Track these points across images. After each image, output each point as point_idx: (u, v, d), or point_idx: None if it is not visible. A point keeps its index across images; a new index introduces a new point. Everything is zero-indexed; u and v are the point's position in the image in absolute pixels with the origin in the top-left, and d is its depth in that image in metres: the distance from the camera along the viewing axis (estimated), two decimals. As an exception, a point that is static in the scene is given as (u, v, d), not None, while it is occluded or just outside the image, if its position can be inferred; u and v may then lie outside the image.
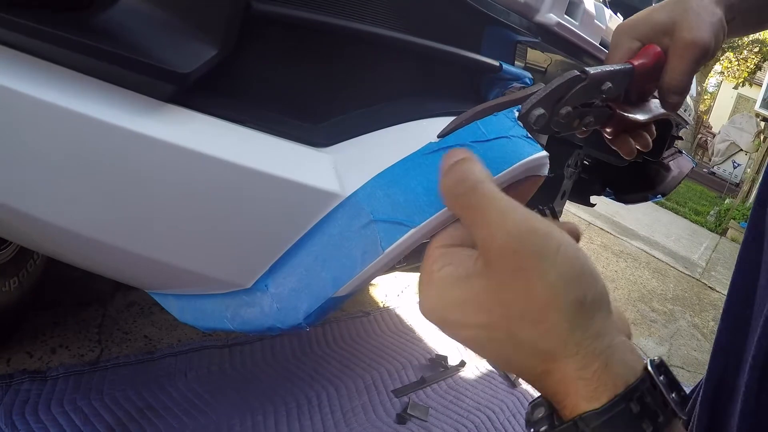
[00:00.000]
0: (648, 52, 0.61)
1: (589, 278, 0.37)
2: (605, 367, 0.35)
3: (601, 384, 0.35)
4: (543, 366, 0.37)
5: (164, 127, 0.48)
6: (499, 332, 0.37)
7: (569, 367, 0.36)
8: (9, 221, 0.59)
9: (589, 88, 0.52)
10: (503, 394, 2.14)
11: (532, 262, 0.36)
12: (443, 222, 0.46)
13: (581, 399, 0.35)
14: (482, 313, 0.37)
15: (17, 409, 1.41)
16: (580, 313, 0.36)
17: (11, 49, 0.47)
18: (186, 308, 0.61)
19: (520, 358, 0.37)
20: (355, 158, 0.53)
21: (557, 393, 0.37)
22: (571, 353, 0.36)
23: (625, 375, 0.36)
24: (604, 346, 0.36)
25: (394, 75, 0.59)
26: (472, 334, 0.38)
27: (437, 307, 0.40)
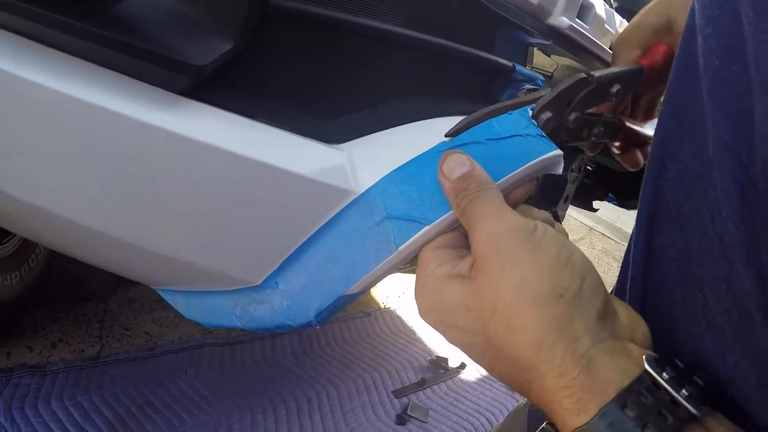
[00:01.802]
0: (657, 50, 0.60)
1: (573, 272, 0.34)
2: (588, 372, 0.31)
3: (585, 392, 0.31)
4: (522, 375, 0.34)
5: (178, 120, 0.48)
6: (478, 336, 0.36)
7: (547, 375, 0.32)
8: (23, 214, 0.58)
9: (597, 91, 0.52)
10: (503, 397, 2.13)
11: (511, 257, 0.35)
12: (456, 220, 0.46)
13: (567, 413, 0.31)
14: (462, 314, 0.37)
15: (17, 403, 1.41)
16: (556, 309, 0.33)
17: (28, 40, 0.47)
18: (193, 305, 0.61)
19: (500, 365, 0.36)
20: (369, 155, 0.52)
21: (545, 407, 0.33)
22: (546, 358, 0.32)
23: (616, 378, 0.31)
24: (584, 349, 0.32)
25: (409, 73, 0.58)
26: (459, 338, 0.38)
27: (431, 309, 0.40)
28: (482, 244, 0.37)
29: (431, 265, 0.41)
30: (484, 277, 0.36)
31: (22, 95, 0.47)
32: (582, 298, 0.34)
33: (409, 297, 2.71)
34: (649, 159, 0.44)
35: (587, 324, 0.33)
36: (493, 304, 0.35)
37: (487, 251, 0.36)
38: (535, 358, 0.33)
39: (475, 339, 0.36)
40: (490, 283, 0.35)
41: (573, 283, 0.34)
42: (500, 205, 0.39)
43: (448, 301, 0.38)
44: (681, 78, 0.41)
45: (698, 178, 0.37)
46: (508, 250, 0.35)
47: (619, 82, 0.55)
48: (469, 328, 0.36)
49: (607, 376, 0.31)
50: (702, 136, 0.37)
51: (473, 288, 0.36)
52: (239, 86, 0.52)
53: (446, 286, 0.38)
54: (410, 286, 2.80)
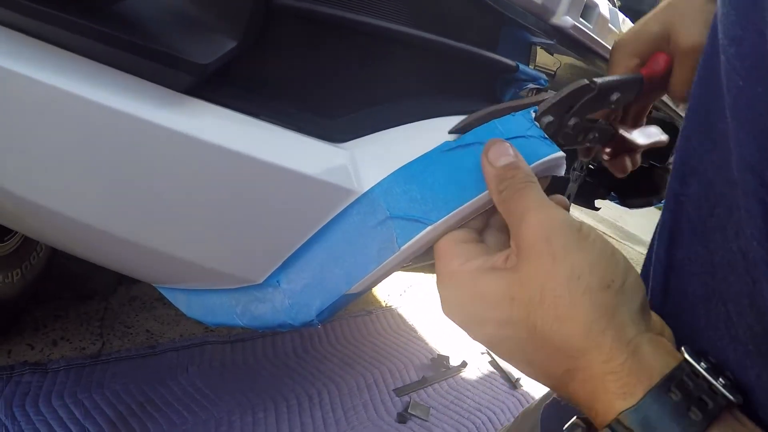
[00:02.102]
0: (657, 60, 0.60)
1: (618, 267, 0.36)
2: (634, 357, 0.33)
3: (632, 377, 0.32)
4: (566, 363, 0.35)
5: (180, 118, 0.48)
6: (518, 328, 0.36)
7: (594, 361, 0.33)
8: (24, 212, 0.58)
9: (598, 98, 0.52)
10: (504, 396, 2.13)
11: (562, 249, 0.35)
12: (460, 220, 0.46)
13: (613, 397, 0.32)
14: (504, 306, 0.36)
15: (18, 401, 1.41)
16: (605, 298, 0.34)
17: (30, 37, 0.47)
18: (194, 303, 0.61)
19: (541, 357, 0.36)
20: (371, 154, 0.52)
21: (586, 397, 0.34)
22: (596, 344, 0.33)
23: (659, 365, 0.33)
24: (630, 337, 0.34)
25: (412, 72, 0.58)
26: (494, 332, 0.38)
27: (462, 304, 0.39)
28: (532, 234, 0.37)
29: (457, 260, 0.41)
30: (532, 267, 0.36)
31: (24, 93, 0.47)
32: (626, 290, 0.35)
33: (411, 295, 2.71)
34: (672, 174, 0.45)
35: (631, 314, 0.35)
36: (542, 293, 0.35)
37: (536, 241, 0.36)
38: (585, 345, 0.34)
39: (515, 331, 0.36)
40: (538, 272, 0.36)
41: (619, 276, 0.35)
42: (546, 200, 0.40)
43: (485, 294, 0.38)
44: (703, 95, 0.41)
45: (722, 196, 0.38)
46: (559, 242, 0.36)
47: (619, 90, 0.55)
48: (509, 320, 0.36)
49: (652, 362, 0.33)
50: (725, 154, 0.37)
51: (517, 278, 0.37)
52: (242, 85, 0.52)
53: (481, 279, 0.38)
54: (412, 285, 2.80)
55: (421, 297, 2.72)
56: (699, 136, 0.41)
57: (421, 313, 2.55)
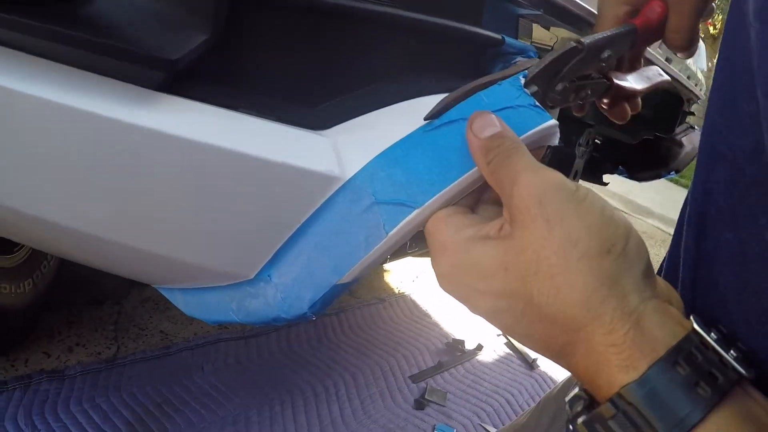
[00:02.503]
0: (652, 7, 0.57)
1: (618, 230, 0.34)
2: (638, 328, 0.31)
3: (636, 349, 0.30)
4: (566, 336, 0.33)
5: (155, 116, 0.47)
6: (515, 299, 0.34)
7: (596, 333, 0.31)
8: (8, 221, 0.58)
9: (587, 59, 0.50)
10: (522, 377, 2.13)
11: (556, 213, 0.33)
12: (447, 201, 0.44)
13: (616, 370, 0.30)
14: (499, 276, 0.35)
15: (36, 408, 1.42)
16: (604, 265, 0.32)
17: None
18: (191, 302, 0.60)
19: (540, 328, 0.34)
20: (354, 140, 0.51)
21: (588, 371, 0.32)
22: (596, 314, 0.31)
23: (665, 337, 0.31)
24: (633, 306, 0.31)
25: (392, 52, 0.57)
26: (490, 304, 0.36)
27: (456, 275, 0.37)
28: (524, 197, 0.35)
29: (447, 231, 0.39)
30: (525, 233, 0.34)
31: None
32: (628, 255, 0.33)
33: (423, 281, 2.70)
34: (697, 160, 0.43)
35: (634, 281, 0.32)
36: (537, 261, 0.33)
37: (529, 205, 0.34)
38: (584, 316, 0.32)
39: (511, 302, 0.34)
40: (532, 239, 0.34)
41: (619, 240, 0.33)
42: (537, 162, 0.37)
43: (478, 264, 0.36)
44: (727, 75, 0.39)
45: (753, 182, 0.36)
46: (553, 206, 0.34)
47: (610, 47, 0.53)
48: (504, 291, 0.34)
49: (657, 333, 0.31)
50: (756, 137, 0.35)
51: (510, 246, 0.35)
52: (218, 78, 0.51)
53: (474, 248, 0.36)
54: (423, 270, 2.79)
55: (433, 282, 2.71)
56: (725, 119, 0.39)
57: (434, 298, 2.54)
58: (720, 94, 0.40)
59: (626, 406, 0.30)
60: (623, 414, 0.30)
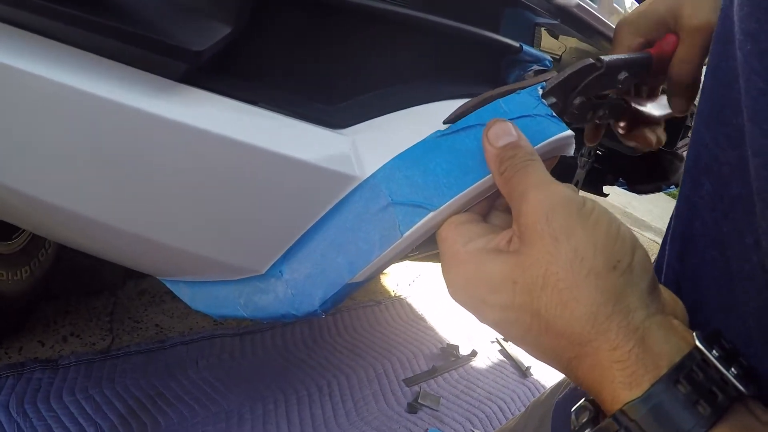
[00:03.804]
0: (667, 41, 0.59)
1: (624, 245, 0.34)
2: (642, 345, 0.31)
3: (640, 366, 0.31)
4: (572, 350, 0.33)
5: (176, 107, 0.47)
6: (522, 312, 0.35)
7: (601, 348, 0.32)
8: (20, 206, 0.58)
9: (605, 77, 0.51)
10: (515, 384, 2.13)
11: (563, 230, 0.34)
12: (463, 205, 0.45)
13: (619, 386, 0.31)
14: (507, 290, 0.35)
15: (29, 397, 1.42)
16: (610, 281, 0.32)
17: (20, 29, 0.46)
18: (198, 295, 0.60)
19: (547, 341, 0.34)
20: (372, 140, 0.51)
21: (593, 384, 0.33)
22: (601, 330, 0.32)
23: (669, 353, 0.31)
24: (638, 322, 0.32)
25: (413, 55, 0.57)
26: (499, 316, 0.36)
27: (466, 286, 0.38)
28: (532, 214, 0.35)
29: (459, 241, 0.39)
30: (533, 249, 0.34)
31: (14, 86, 0.46)
32: (634, 270, 0.33)
33: (420, 285, 2.70)
34: (683, 175, 0.43)
35: (640, 296, 0.33)
36: (544, 277, 0.34)
37: (537, 222, 0.35)
38: (590, 331, 0.32)
39: (519, 315, 0.35)
40: (540, 255, 0.34)
41: (625, 256, 0.33)
42: (548, 177, 0.38)
43: (488, 276, 0.36)
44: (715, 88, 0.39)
45: (739, 198, 0.36)
46: (561, 223, 0.34)
47: (627, 70, 0.54)
48: (512, 305, 0.35)
49: (661, 350, 0.31)
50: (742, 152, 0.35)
51: (519, 261, 0.35)
52: (240, 72, 0.51)
53: (484, 261, 0.37)
54: (420, 274, 2.79)
55: (430, 287, 2.71)
56: (712, 132, 0.39)
57: (431, 302, 2.54)
58: (707, 107, 0.40)
59: (629, 422, 0.30)
60: (626, 430, 0.31)
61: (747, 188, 0.35)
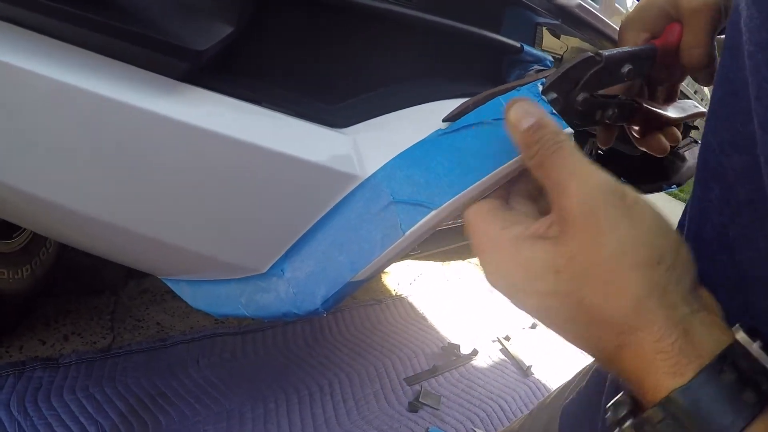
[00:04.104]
0: (671, 30, 0.58)
1: (669, 242, 0.34)
2: (686, 337, 0.31)
3: (683, 356, 0.31)
4: (616, 340, 0.33)
5: (178, 107, 0.47)
6: (565, 300, 0.34)
7: (645, 340, 0.32)
8: (21, 205, 0.58)
9: (607, 71, 0.50)
10: (516, 384, 2.13)
11: (607, 220, 0.34)
12: (465, 204, 0.45)
13: (663, 375, 0.31)
14: (549, 278, 0.35)
15: (30, 396, 1.42)
16: (654, 275, 0.32)
17: (22, 28, 0.46)
18: (199, 294, 0.60)
19: (591, 331, 0.34)
20: (374, 139, 0.51)
21: (635, 373, 0.33)
22: (646, 322, 0.32)
23: (711, 345, 0.31)
24: (681, 316, 0.32)
25: (414, 55, 0.57)
26: (540, 303, 0.36)
27: (504, 272, 0.37)
28: (575, 206, 0.35)
29: (495, 226, 0.38)
30: (577, 239, 0.34)
31: (17, 85, 0.46)
32: (677, 267, 0.33)
33: (421, 284, 2.70)
34: (695, 178, 0.43)
35: (683, 293, 0.33)
36: (589, 267, 0.33)
37: (579, 213, 0.34)
38: (634, 323, 0.32)
39: (561, 304, 0.35)
40: (584, 245, 0.34)
41: (670, 252, 0.34)
42: (584, 161, 0.37)
43: (528, 263, 0.36)
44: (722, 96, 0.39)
45: (750, 203, 0.36)
46: (604, 215, 0.34)
47: (630, 63, 0.53)
48: (555, 292, 0.35)
49: (703, 342, 0.31)
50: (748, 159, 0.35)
51: (562, 251, 0.35)
52: (242, 71, 0.51)
53: (524, 248, 0.36)
54: (422, 273, 2.79)
55: (431, 286, 2.71)
56: (719, 138, 0.39)
57: (432, 301, 2.54)
58: (715, 113, 0.40)
59: (675, 409, 0.30)
60: (672, 418, 0.31)
61: (759, 195, 0.35)
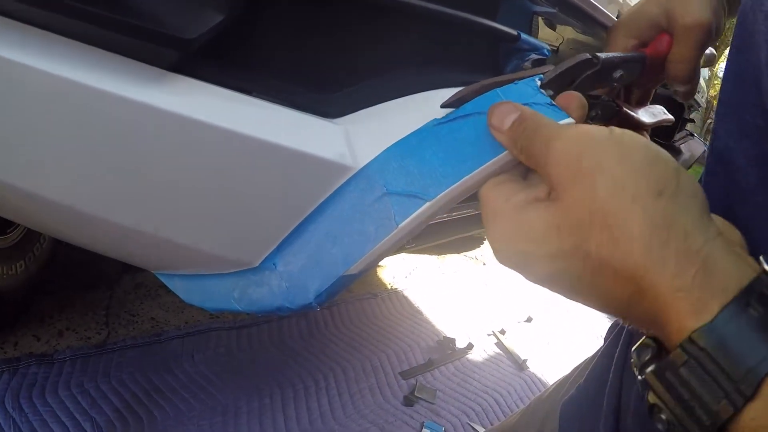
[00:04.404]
0: (661, 41, 0.60)
1: (667, 169, 0.32)
2: (705, 270, 0.29)
3: (705, 291, 0.29)
4: (629, 287, 0.31)
5: (167, 97, 0.46)
6: (572, 258, 0.33)
7: (662, 279, 0.30)
8: (12, 200, 0.57)
9: (601, 73, 0.50)
10: (511, 378, 2.13)
11: (596, 161, 0.32)
12: (460, 194, 0.44)
13: (685, 316, 0.29)
14: (552, 237, 0.34)
15: (24, 392, 1.41)
16: (658, 207, 0.30)
17: (8, 19, 0.45)
18: (192, 289, 0.59)
19: (603, 284, 0.32)
20: (368, 129, 0.50)
21: (656, 318, 0.31)
22: (659, 259, 0.30)
23: (736, 276, 0.29)
24: (699, 245, 0.30)
25: (408, 43, 0.56)
26: (548, 267, 0.34)
27: (510, 241, 0.36)
28: (561, 159, 0.34)
29: (499, 199, 0.38)
30: (571, 191, 0.33)
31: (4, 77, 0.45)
32: (681, 194, 0.32)
33: (416, 277, 2.70)
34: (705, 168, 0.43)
35: (693, 220, 0.31)
36: (589, 215, 0.32)
37: (568, 162, 0.34)
38: (646, 262, 0.30)
39: (569, 262, 0.33)
40: (579, 194, 0.33)
41: (670, 180, 0.32)
42: (563, 125, 0.37)
43: (530, 227, 0.35)
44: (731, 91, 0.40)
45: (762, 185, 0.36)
46: (592, 156, 0.33)
47: (622, 68, 0.54)
48: (560, 252, 0.33)
49: (726, 274, 0.29)
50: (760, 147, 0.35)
51: (559, 206, 0.34)
52: (233, 61, 0.50)
53: (525, 213, 0.35)
54: (417, 267, 2.79)
55: (426, 279, 2.71)
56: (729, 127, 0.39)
57: (427, 295, 2.54)
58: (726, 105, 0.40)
59: (698, 351, 0.28)
60: (695, 360, 0.29)
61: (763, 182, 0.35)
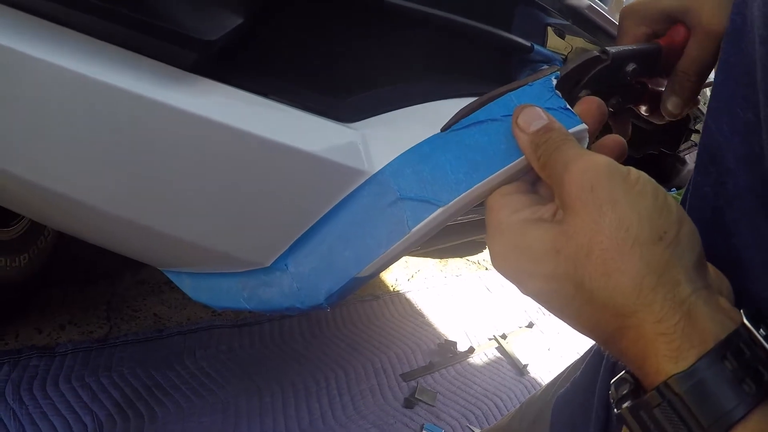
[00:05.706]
0: (678, 31, 0.57)
1: (671, 216, 0.33)
2: (689, 320, 0.30)
3: (685, 340, 0.30)
4: (615, 322, 0.32)
5: (185, 97, 0.46)
6: (565, 282, 0.34)
7: (646, 321, 0.31)
8: (23, 194, 0.57)
9: (611, 69, 0.49)
10: (511, 382, 2.13)
11: (608, 198, 0.33)
12: (471, 202, 0.44)
13: (663, 359, 0.30)
14: (550, 259, 0.34)
15: (25, 384, 1.41)
16: (656, 252, 0.32)
17: (32, 16, 0.46)
18: (200, 287, 0.60)
19: (590, 312, 0.34)
20: (382, 135, 0.51)
21: (636, 356, 0.32)
22: (647, 302, 0.31)
23: (715, 329, 0.30)
24: (684, 296, 0.31)
25: (425, 52, 0.57)
26: (541, 286, 0.36)
27: (509, 256, 0.37)
28: (575, 184, 0.35)
29: (504, 211, 0.39)
30: (577, 219, 0.34)
31: (22, 72, 0.46)
32: (680, 243, 0.33)
33: (419, 280, 2.70)
34: (695, 165, 0.43)
35: (686, 270, 0.32)
36: (589, 246, 0.33)
37: (581, 191, 0.34)
38: (634, 303, 0.31)
39: (562, 285, 0.34)
40: (584, 224, 0.33)
41: (672, 228, 0.33)
42: (586, 150, 0.37)
43: (531, 246, 0.36)
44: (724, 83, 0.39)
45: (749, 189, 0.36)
46: (605, 191, 0.34)
47: (635, 61, 0.52)
48: (555, 274, 0.34)
49: (707, 325, 0.30)
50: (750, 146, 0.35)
51: (562, 231, 0.34)
52: (251, 64, 0.51)
53: (528, 230, 0.36)
54: (420, 270, 2.79)
55: (429, 282, 2.71)
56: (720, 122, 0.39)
57: (429, 298, 2.54)
58: (717, 98, 0.40)
59: (672, 396, 0.30)
60: (668, 404, 0.30)
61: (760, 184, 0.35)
